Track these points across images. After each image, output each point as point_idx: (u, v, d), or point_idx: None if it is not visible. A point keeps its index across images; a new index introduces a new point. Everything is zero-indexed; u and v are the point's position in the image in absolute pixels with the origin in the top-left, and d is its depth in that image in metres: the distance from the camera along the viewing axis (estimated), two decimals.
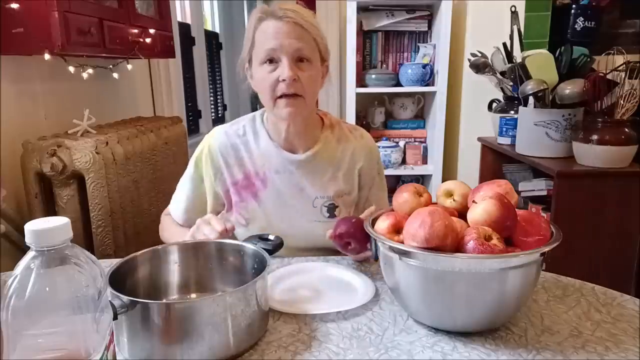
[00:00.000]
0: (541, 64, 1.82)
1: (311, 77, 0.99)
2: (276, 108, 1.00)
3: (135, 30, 1.78)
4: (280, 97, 0.98)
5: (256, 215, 1.09)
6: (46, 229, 0.48)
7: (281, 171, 1.08)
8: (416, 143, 2.57)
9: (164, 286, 0.84)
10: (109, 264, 0.75)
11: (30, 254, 0.49)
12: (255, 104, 4.58)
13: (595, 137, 1.63)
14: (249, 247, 0.84)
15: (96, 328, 0.51)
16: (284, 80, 0.96)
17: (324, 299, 0.87)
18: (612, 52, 1.66)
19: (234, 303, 0.68)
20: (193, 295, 0.86)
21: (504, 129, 2.07)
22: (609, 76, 1.64)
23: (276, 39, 0.96)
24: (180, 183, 1.17)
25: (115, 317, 0.61)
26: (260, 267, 0.79)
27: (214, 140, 1.11)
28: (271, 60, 0.97)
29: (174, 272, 0.85)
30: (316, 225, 1.08)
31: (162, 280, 0.84)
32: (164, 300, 0.81)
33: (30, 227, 0.48)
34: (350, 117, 2.41)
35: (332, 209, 1.09)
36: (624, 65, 1.61)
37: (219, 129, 1.13)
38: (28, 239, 0.48)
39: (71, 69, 1.60)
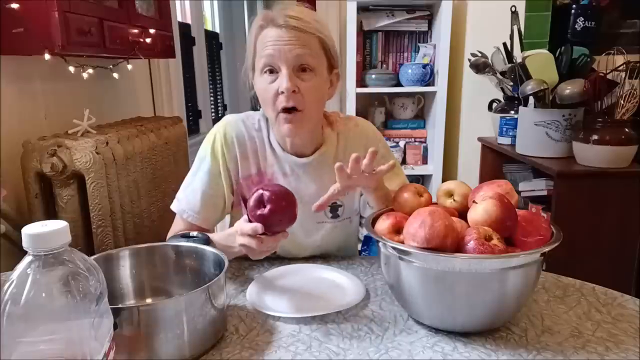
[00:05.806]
0: (541, 64, 1.82)
1: (313, 88, 0.92)
2: (277, 124, 0.96)
3: (136, 30, 1.78)
4: (281, 111, 0.93)
5: None
6: (43, 232, 0.47)
7: (288, 174, 1.04)
8: (416, 143, 2.57)
9: (119, 292, 0.82)
10: None
11: (27, 259, 0.47)
12: (255, 103, 4.58)
13: (595, 137, 1.63)
14: (208, 250, 0.83)
15: (94, 334, 0.49)
16: (282, 92, 0.90)
17: (324, 299, 0.87)
18: (612, 52, 1.66)
19: (189, 306, 0.68)
20: (148, 300, 0.84)
21: (504, 129, 2.07)
22: (609, 76, 1.64)
23: (275, 47, 0.90)
24: (193, 179, 1.05)
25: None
26: (217, 269, 0.79)
27: (230, 128, 1.04)
28: (271, 71, 0.92)
29: (129, 277, 0.83)
30: (321, 226, 1.08)
31: (117, 285, 0.82)
32: (120, 305, 0.78)
33: (27, 231, 0.47)
34: None
35: (335, 209, 1.07)
36: (624, 65, 1.61)
37: (234, 117, 1.06)
38: (25, 243, 0.47)
39: (71, 69, 1.60)
